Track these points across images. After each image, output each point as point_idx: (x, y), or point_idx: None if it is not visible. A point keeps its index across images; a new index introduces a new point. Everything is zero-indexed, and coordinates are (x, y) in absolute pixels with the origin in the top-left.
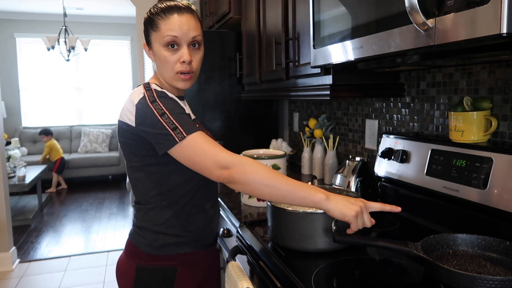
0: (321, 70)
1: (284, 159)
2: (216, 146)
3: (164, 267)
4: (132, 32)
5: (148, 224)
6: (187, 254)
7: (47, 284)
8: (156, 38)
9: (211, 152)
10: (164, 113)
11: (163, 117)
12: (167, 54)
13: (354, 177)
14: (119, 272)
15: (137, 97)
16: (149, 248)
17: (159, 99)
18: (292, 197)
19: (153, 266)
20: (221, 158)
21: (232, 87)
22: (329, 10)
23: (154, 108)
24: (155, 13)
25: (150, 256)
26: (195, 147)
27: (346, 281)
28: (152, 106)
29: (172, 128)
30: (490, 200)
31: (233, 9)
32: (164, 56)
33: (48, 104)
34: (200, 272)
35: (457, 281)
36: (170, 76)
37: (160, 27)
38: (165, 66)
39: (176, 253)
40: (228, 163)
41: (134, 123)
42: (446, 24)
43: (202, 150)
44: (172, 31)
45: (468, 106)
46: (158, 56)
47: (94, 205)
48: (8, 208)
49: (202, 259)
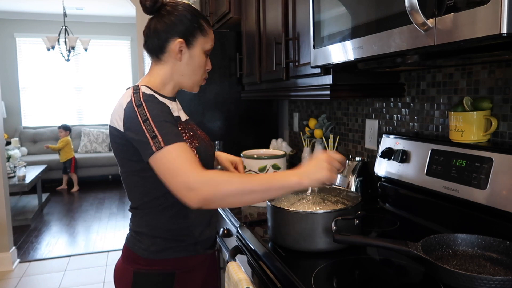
0: (321, 70)
1: (284, 159)
2: (189, 163)
3: (162, 272)
4: (132, 32)
5: (144, 228)
6: (185, 258)
7: (47, 284)
8: (202, 43)
9: (181, 171)
10: (147, 119)
11: (146, 123)
12: (204, 61)
13: (354, 177)
14: (116, 277)
15: (125, 100)
16: (146, 252)
17: (145, 103)
18: (271, 193)
19: (151, 271)
20: (190, 179)
21: (232, 87)
22: (329, 10)
23: (139, 113)
24: (204, 20)
25: (148, 261)
26: (167, 162)
27: (346, 281)
28: (137, 110)
29: (152, 136)
30: (490, 200)
31: (233, 9)
32: (202, 61)
33: (48, 104)
34: (199, 276)
35: (457, 281)
36: (197, 80)
37: (209, 35)
38: (197, 70)
39: (174, 258)
40: (197, 184)
41: (122, 128)
42: (446, 24)
43: (173, 168)
44: (212, 41)
45: (468, 106)
46: (195, 59)
47: (94, 205)
48: (8, 208)
49: (200, 263)
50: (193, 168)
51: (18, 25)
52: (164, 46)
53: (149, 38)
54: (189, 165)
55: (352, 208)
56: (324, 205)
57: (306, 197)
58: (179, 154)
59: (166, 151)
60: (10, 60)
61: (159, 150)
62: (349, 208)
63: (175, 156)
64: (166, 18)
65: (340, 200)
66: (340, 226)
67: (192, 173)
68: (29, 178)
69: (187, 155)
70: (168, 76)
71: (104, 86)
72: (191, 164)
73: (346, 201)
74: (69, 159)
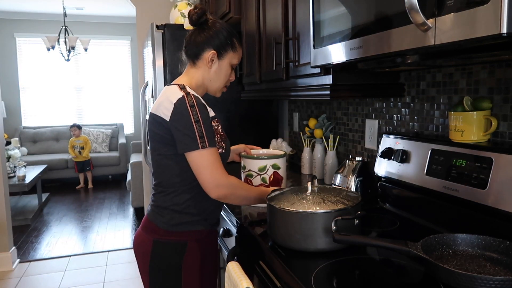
0: (321, 70)
1: (284, 159)
2: (220, 166)
3: (177, 242)
4: (132, 32)
5: (168, 204)
6: (197, 231)
7: (47, 284)
8: (230, 57)
9: (215, 170)
10: (199, 120)
11: (197, 123)
12: (229, 72)
13: (354, 177)
14: (136, 245)
15: (174, 96)
16: (166, 225)
17: (198, 106)
18: (259, 202)
19: (168, 240)
20: (220, 180)
21: (232, 87)
22: (329, 10)
23: (191, 113)
24: (236, 39)
25: (167, 232)
26: (206, 159)
27: (346, 281)
28: (190, 110)
29: (200, 135)
30: (490, 200)
31: (233, 9)
32: (228, 72)
33: (48, 104)
34: (205, 247)
35: (457, 281)
36: (219, 86)
37: (238, 52)
38: (222, 79)
39: (188, 231)
40: (224, 184)
41: (168, 118)
42: (446, 24)
43: (210, 165)
44: (240, 58)
45: (468, 106)
46: (222, 69)
47: (94, 205)
48: (8, 208)
49: (207, 235)
50: (223, 171)
51: (18, 25)
52: (200, 54)
53: (189, 45)
54: (220, 167)
55: (352, 208)
56: (324, 205)
57: (306, 197)
58: (216, 157)
59: (209, 151)
60: (10, 60)
61: (204, 148)
62: (349, 208)
63: (214, 158)
64: (206, 32)
65: (340, 200)
66: (340, 226)
67: (221, 175)
68: (29, 178)
69: (219, 158)
70: (200, 80)
71: (104, 86)
72: (221, 167)
73: (346, 201)
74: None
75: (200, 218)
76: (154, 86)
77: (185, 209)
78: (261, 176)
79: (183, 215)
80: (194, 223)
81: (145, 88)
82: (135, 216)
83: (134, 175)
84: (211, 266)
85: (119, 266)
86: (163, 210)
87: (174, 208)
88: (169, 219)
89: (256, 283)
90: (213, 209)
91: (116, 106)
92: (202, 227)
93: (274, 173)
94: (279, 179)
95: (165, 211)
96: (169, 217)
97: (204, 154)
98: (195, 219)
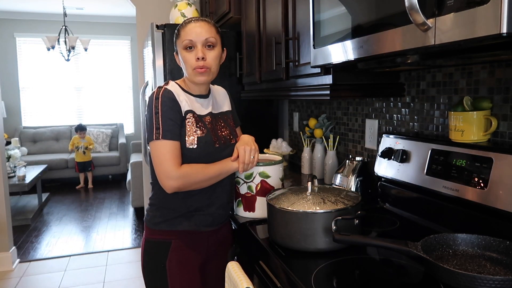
0: (321, 70)
1: (277, 166)
2: (173, 159)
3: (162, 241)
4: (132, 32)
5: (154, 200)
6: (182, 231)
7: (47, 284)
8: (179, 44)
9: (166, 162)
10: (158, 112)
11: (156, 115)
12: (186, 54)
13: (354, 177)
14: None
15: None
16: (150, 223)
17: (162, 98)
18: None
19: (154, 239)
20: (171, 172)
21: (232, 87)
22: (329, 10)
23: (154, 105)
24: (180, 26)
25: (151, 230)
26: (158, 151)
27: (346, 281)
28: (154, 102)
29: (156, 127)
30: (490, 200)
31: (233, 9)
32: (184, 56)
33: (48, 104)
34: (191, 248)
35: (457, 281)
36: (190, 73)
37: (181, 35)
38: (186, 65)
39: (173, 230)
40: (174, 176)
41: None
42: (446, 24)
43: (162, 158)
44: (188, 35)
45: (468, 106)
46: (181, 58)
47: (94, 205)
48: (8, 208)
49: (199, 238)
50: (174, 164)
51: (18, 25)
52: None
53: None
54: (170, 159)
55: (352, 208)
56: (324, 205)
57: (306, 197)
58: (168, 150)
59: (161, 143)
60: (10, 60)
61: (157, 140)
62: (349, 208)
63: (166, 150)
64: None
65: (340, 200)
66: (340, 226)
67: (171, 167)
68: (29, 178)
69: (174, 152)
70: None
71: (104, 86)
72: (174, 160)
73: (346, 201)
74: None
75: (183, 217)
76: (154, 86)
77: (164, 204)
78: (247, 184)
79: (164, 210)
80: (176, 222)
81: (145, 88)
82: (135, 216)
83: (134, 175)
84: (195, 269)
85: (119, 266)
86: (151, 206)
87: (158, 205)
88: (152, 217)
89: (256, 283)
90: (200, 207)
91: (116, 106)
92: (187, 227)
93: (262, 181)
94: (268, 189)
95: (152, 207)
96: (152, 214)
97: (157, 146)
98: (176, 215)
